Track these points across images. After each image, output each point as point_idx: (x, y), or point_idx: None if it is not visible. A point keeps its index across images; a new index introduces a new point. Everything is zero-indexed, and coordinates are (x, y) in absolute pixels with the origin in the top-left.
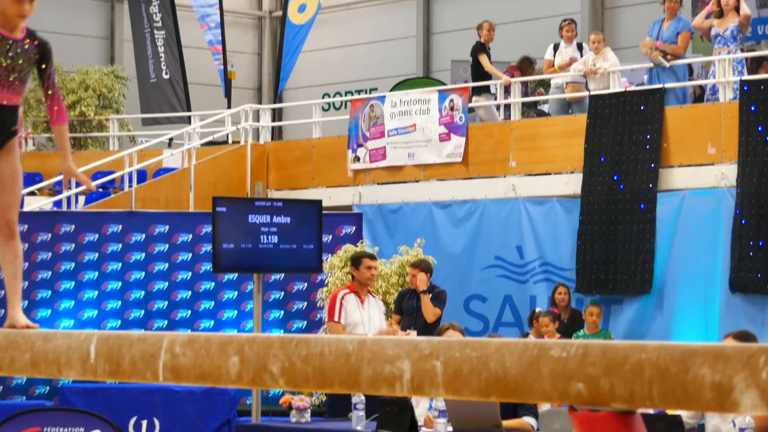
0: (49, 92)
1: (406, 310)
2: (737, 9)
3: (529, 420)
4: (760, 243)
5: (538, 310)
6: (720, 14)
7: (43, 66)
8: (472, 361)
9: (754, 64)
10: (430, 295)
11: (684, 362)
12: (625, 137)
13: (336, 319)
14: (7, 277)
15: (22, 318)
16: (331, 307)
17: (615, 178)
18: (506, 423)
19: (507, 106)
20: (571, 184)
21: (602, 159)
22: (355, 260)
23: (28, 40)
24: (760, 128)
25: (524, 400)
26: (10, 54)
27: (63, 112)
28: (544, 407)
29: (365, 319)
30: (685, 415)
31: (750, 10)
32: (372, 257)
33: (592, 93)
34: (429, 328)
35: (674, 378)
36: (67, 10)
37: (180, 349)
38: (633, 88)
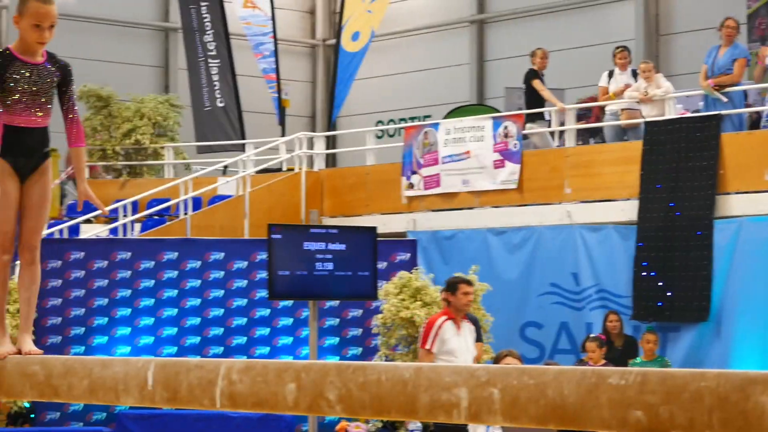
0: (70, 115)
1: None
2: None
3: None
4: None
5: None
6: (763, 40)
7: (63, 88)
8: (530, 389)
9: None
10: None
11: (744, 390)
12: (681, 164)
13: (428, 347)
14: (22, 301)
15: (30, 345)
16: (426, 335)
17: (671, 204)
18: None
19: (562, 133)
20: (627, 210)
21: (658, 186)
22: (452, 286)
23: (49, 64)
24: None
25: (583, 428)
26: (33, 78)
27: (81, 135)
28: None
29: (462, 345)
30: None
31: None
32: (469, 283)
33: (648, 119)
34: None
35: (734, 406)
36: (123, 40)
37: (237, 376)
38: (689, 114)
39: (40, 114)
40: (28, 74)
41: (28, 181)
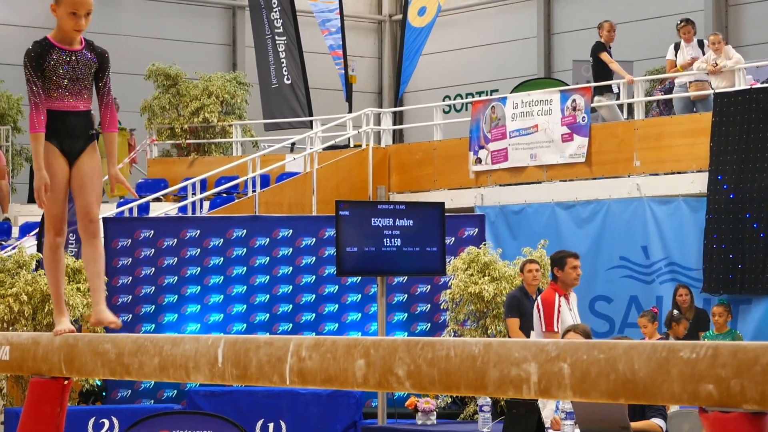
0: (104, 101)
1: (526, 311)
2: None
3: (657, 422)
4: None
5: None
6: None
7: (100, 74)
8: (600, 363)
9: None
10: None
11: None
12: (751, 135)
13: (555, 329)
14: (91, 276)
15: (108, 314)
16: (549, 316)
17: (741, 176)
18: (634, 425)
19: (631, 106)
20: (697, 183)
21: (728, 158)
22: (559, 261)
23: (87, 51)
24: None
25: (653, 401)
26: (72, 65)
27: (114, 121)
28: (672, 408)
29: (574, 320)
30: None
31: None
32: (576, 256)
33: (717, 91)
34: None
35: None
36: (190, 18)
37: (306, 353)
38: (759, 85)
39: (81, 98)
40: (67, 61)
41: (77, 162)
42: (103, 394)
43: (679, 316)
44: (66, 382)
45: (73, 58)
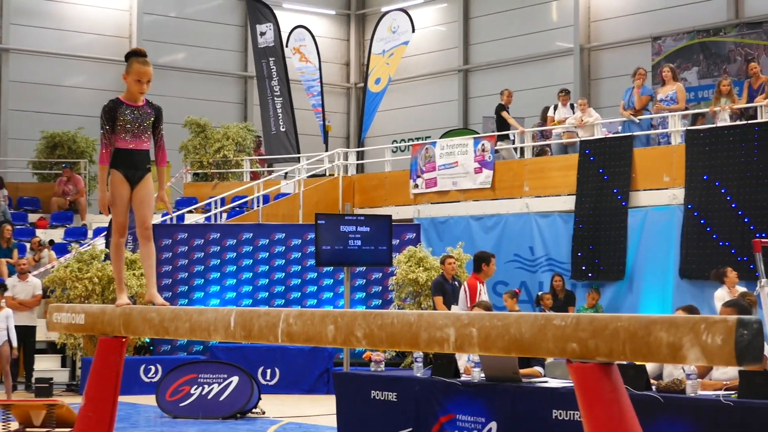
0: (158, 143)
1: (449, 292)
2: (674, 79)
3: (538, 369)
4: (701, 244)
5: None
6: (663, 84)
7: (156, 124)
8: (498, 328)
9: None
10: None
11: (647, 328)
12: (605, 169)
13: (473, 304)
14: (146, 267)
15: (157, 297)
16: (473, 296)
17: (598, 198)
18: (522, 371)
19: (522, 148)
20: (568, 202)
21: (589, 185)
22: (487, 259)
23: (147, 107)
24: (700, 162)
25: (535, 355)
26: (136, 117)
27: (165, 157)
28: (549, 360)
29: (486, 298)
30: (648, 365)
31: (693, 78)
32: (493, 255)
33: (582, 139)
34: None
35: (641, 339)
36: (214, 85)
37: (293, 320)
38: (611, 135)
39: (142, 141)
40: (132, 114)
41: (137, 186)
42: (150, 348)
43: (542, 294)
44: (124, 340)
45: (137, 112)
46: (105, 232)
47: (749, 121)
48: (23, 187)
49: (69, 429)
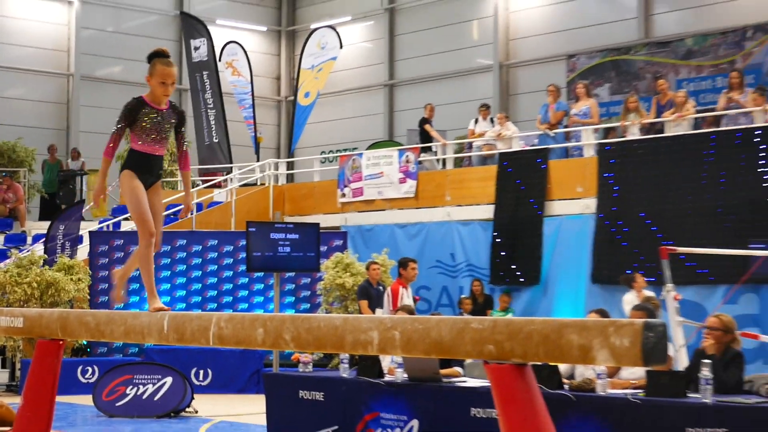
0: (182, 148)
1: (374, 297)
2: (588, 95)
3: (458, 369)
4: (611, 251)
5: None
6: (577, 99)
7: (179, 128)
8: (419, 331)
9: (609, 132)
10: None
11: (560, 331)
12: (522, 180)
13: (396, 308)
14: (145, 273)
15: (157, 302)
16: (395, 300)
17: (514, 207)
18: (442, 371)
19: (444, 159)
20: (487, 211)
21: (507, 195)
22: (404, 264)
23: (170, 111)
24: (611, 174)
25: (455, 357)
26: (158, 120)
27: (188, 162)
28: (467, 361)
29: (409, 302)
30: (561, 366)
31: (606, 94)
32: (415, 261)
33: (501, 151)
34: None
35: (553, 342)
36: None
37: (224, 324)
38: (528, 147)
39: (160, 146)
40: (154, 117)
41: (148, 192)
42: (87, 350)
43: (463, 298)
44: (61, 342)
45: (159, 115)
46: (43, 239)
47: (657, 135)
48: None
49: (8, 428)
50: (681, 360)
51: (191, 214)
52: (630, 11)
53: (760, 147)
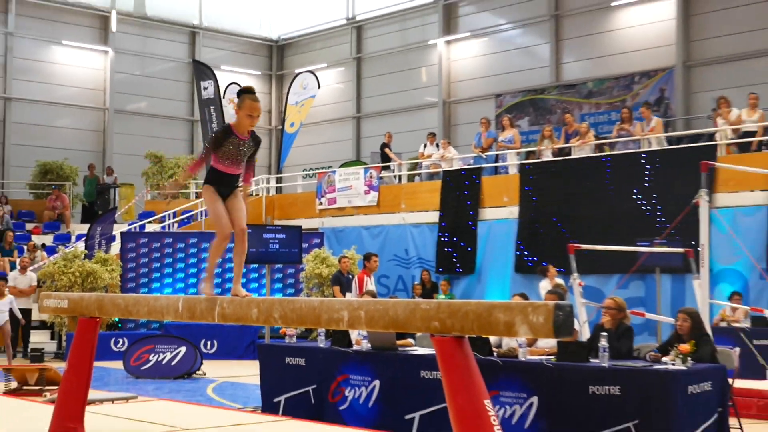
0: (249, 166)
1: (344, 283)
2: (512, 126)
3: (410, 340)
4: (530, 248)
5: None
6: (503, 129)
7: (253, 151)
8: (380, 311)
9: (530, 155)
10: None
11: (489, 311)
12: (461, 192)
13: (362, 292)
14: (236, 264)
15: (242, 291)
16: (360, 287)
17: (455, 213)
18: (399, 342)
19: (400, 176)
20: (434, 216)
21: (449, 204)
22: (368, 257)
23: (251, 140)
24: (530, 187)
25: (408, 331)
26: (240, 147)
27: (251, 177)
28: (418, 334)
29: (373, 287)
30: (491, 338)
31: (525, 125)
32: (376, 255)
33: (444, 169)
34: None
35: (485, 319)
36: (169, 128)
37: (226, 305)
38: (465, 167)
39: (236, 167)
40: (237, 144)
41: (228, 200)
42: (119, 325)
43: (415, 285)
44: (98, 320)
45: (242, 143)
46: (84, 238)
47: (566, 157)
48: (22, 203)
49: (56, 387)
50: (584, 333)
51: (199, 218)
52: (544, 60)
53: (646, 167)
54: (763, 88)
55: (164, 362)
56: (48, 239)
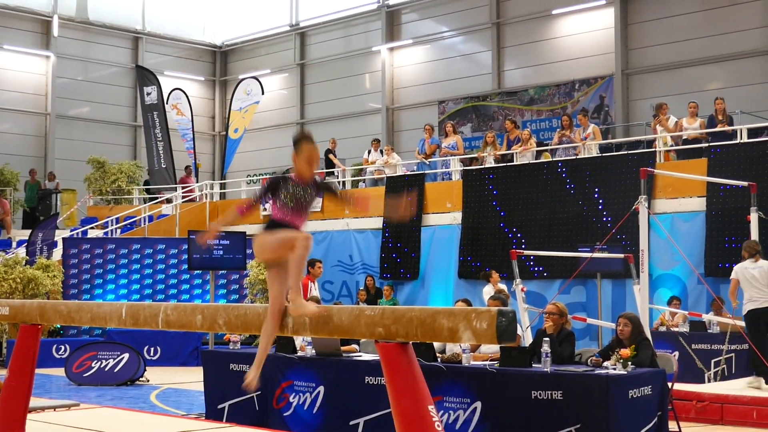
0: (348, 197)
1: None
2: (455, 132)
3: (355, 346)
4: (473, 253)
5: (360, 289)
6: (446, 135)
7: (329, 190)
8: (324, 318)
9: (472, 161)
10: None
11: (433, 317)
12: (404, 197)
13: (307, 298)
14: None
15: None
16: (305, 292)
17: (399, 221)
18: (343, 348)
19: (344, 182)
20: (378, 222)
21: (392, 209)
22: (311, 263)
23: (313, 186)
24: (473, 194)
25: (353, 337)
26: (300, 194)
27: (360, 203)
28: (362, 340)
29: (317, 293)
30: (435, 344)
31: (468, 131)
32: (320, 261)
33: (388, 175)
34: None
35: (428, 325)
36: (111, 131)
37: (170, 311)
38: (409, 172)
39: (298, 217)
40: (297, 191)
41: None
42: (61, 332)
43: (360, 290)
44: (39, 327)
45: (302, 190)
46: (25, 244)
47: (508, 164)
48: None
49: None
50: (527, 338)
51: (142, 224)
52: (486, 68)
53: (587, 173)
54: (701, 96)
55: (107, 369)
56: None
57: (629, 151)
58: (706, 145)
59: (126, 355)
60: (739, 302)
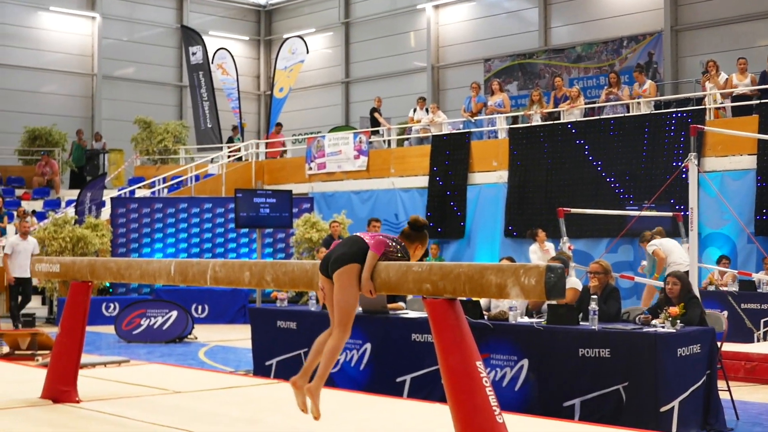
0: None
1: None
2: (501, 90)
3: (401, 303)
4: (519, 212)
5: None
6: (492, 93)
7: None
8: (375, 274)
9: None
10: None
11: (481, 273)
12: (450, 156)
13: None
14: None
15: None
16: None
17: (448, 176)
18: (390, 305)
19: (389, 140)
20: (423, 181)
21: (440, 168)
22: (370, 222)
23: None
24: (517, 152)
25: (400, 293)
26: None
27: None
28: (409, 297)
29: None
30: (482, 300)
31: (514, 90)
32: (379, 220)
33: (434, 134)
34: None
35: (476, 281)
36: (158, 93)
37: (218, 268)
38: (454, 131)
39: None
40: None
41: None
42: (110, 290)
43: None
44: (90, 284)
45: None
46: (74, 203)
47: (555, 122)
48: (11, 169)
49: (48, 351)
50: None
51: (189, 183)
52: (533, 25)
53: (635, 131)
54: (751, 52)
55: (156, 326)
56: (38, 205)
57: (678, 109)
58: (757, 102)
59: (174, 313)
60: None
